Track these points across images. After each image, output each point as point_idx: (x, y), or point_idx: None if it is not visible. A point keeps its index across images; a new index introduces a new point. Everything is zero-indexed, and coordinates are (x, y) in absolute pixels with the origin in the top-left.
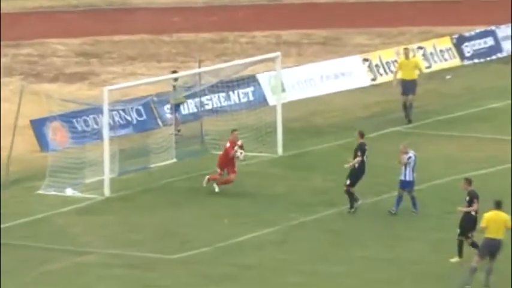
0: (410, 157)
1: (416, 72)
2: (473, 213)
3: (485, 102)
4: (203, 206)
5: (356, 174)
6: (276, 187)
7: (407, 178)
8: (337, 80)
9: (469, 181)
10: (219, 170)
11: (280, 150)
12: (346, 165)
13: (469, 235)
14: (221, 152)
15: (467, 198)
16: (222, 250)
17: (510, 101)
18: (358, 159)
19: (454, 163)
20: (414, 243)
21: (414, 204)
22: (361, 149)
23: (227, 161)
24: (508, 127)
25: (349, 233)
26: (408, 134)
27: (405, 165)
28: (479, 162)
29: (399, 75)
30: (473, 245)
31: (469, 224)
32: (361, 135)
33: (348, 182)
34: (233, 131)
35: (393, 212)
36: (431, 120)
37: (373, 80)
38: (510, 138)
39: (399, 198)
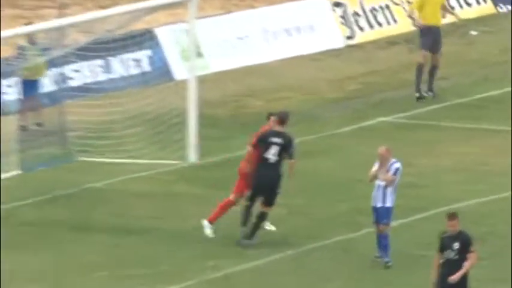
0: (398, 169)
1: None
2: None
3: None
4: (64, 248)
5: (251, 182)
6: (185, 217)
7: (387, 203)
8: (290, 38)
9: (454, 217)
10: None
11: (193, 155)
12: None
13: None
14: (245, 159)
15: (457, 245)
16: None
17: None
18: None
19: (482, 175)
20: None
21: (385, 247)
22: (262, 139)
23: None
24: None
25: None
26: (407, 128)
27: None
28: None
29: (418, 18)
30: None
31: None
32: (281, 120)
33: (249, 193)
34: (270, 115)
35: (377, 258)
36: (445, 105)
37: (350, 38)
38: None
39: (378, 238)
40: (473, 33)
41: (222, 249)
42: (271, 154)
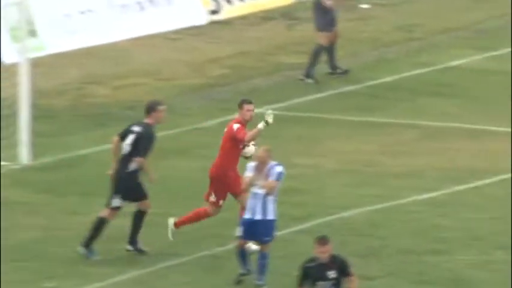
0: (280, 173)
1: None
2: None
3: (440, 56)
4: None
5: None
6: (15, 229)
7: (269, 216)
8: (142, 13)
9: (326, 241)
10: (213, 195)
11: (24, 155)
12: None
13: None
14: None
15: (334, 273)
16: None
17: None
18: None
19: (374, 178)
20: None
21: (262, 268)
22: (126, 128)
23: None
24: (492, 105)
25: None
26: (284, 121)
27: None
28: (422, 178)
29: None
30: None
31: None
32: (145, 109)
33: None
34: (244, 102)
35: (243, 276)
36: (330, 93)
37: (215, 13)
38: (509, 129)
39: (242, 254)
40: (364, 6)
41: (60, 268)
42: (126, 143)
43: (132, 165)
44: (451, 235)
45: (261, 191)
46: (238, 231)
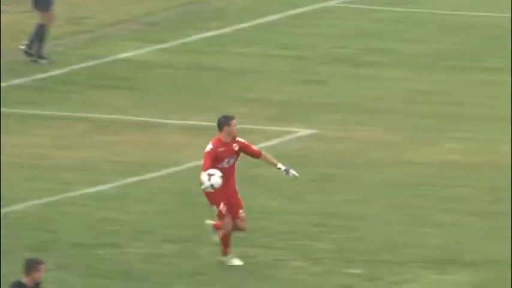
0: None
1: None
2: None
3: (109, 49)
4: None
5: None
6: None
7: None
8: None
9: (42, 261)
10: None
11: None
12: None
13: None
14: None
15: None
16: None
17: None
18: None
19: (45, 171)
20: None
21: None
22: None
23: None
24: (162, 98)
25: None
26: None
27: None
28: (92, 171)
29: None
30: None
31: None
32: None
33: None
34: (229, 119)
35: None
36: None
37: None
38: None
39: None
40: None
41: None
42: None
43: None
44: (120, 228)
45: None
46: None
